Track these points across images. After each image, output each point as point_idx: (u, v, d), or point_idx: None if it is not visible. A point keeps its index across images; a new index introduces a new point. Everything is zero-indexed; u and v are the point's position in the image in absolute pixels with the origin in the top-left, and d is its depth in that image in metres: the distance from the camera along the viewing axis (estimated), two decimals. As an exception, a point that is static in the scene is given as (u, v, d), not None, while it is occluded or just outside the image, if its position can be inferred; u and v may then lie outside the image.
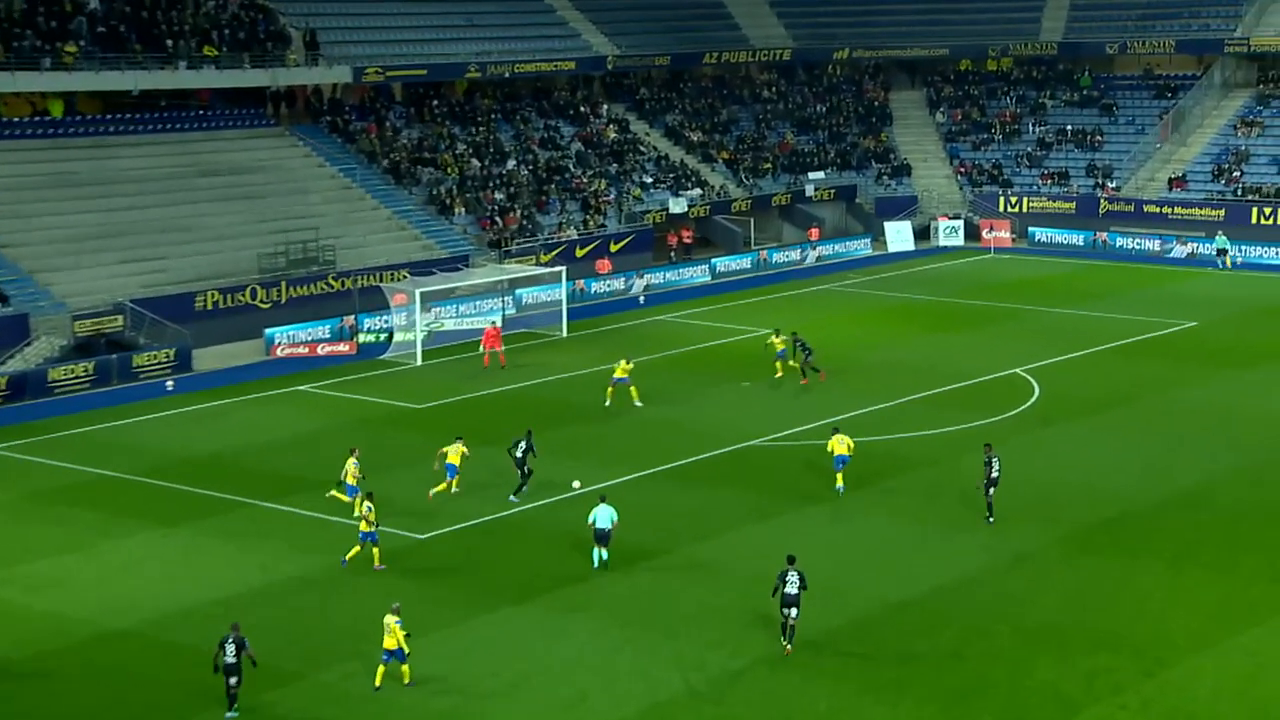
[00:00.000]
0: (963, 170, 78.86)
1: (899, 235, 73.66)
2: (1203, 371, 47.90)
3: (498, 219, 63.89)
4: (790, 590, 27.24)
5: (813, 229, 73.20)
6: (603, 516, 31.25)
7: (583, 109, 75.23)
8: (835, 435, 36.33)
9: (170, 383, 47.60)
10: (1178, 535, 33.26)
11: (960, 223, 74.46)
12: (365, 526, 31.25)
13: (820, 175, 76.92)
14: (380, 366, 50.20)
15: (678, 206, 69.76)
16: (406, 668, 26.05)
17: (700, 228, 71.56)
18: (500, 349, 48.81)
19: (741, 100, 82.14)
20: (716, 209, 71.84)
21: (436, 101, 70.94)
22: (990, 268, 68.73)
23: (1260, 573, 30.96)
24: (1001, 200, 75.65)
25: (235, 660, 25.11)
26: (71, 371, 46.96)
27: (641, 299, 61.14)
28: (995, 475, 33.64)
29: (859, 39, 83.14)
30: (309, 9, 68.22)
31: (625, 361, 43.61)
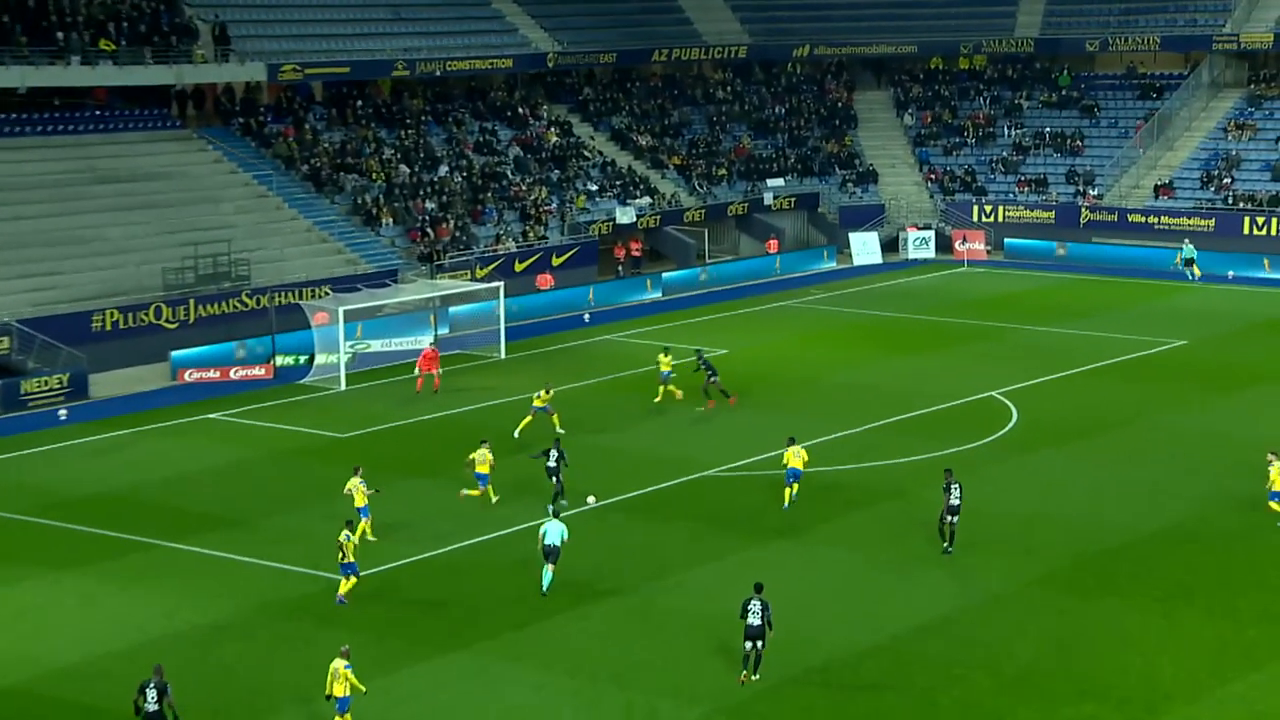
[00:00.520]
0: (933, 177, 79.38)
1: (865, 247, 73.97)
2: (1194, 394, 48.28)
3: (429, 230, 63.74)
4: (753, 621, 27.51)
5: (771, 240, 73.44)
6: (553, 532, 31.93)
7: (521, 110, 75.23)
8: (791, 446, 37.07)
9: (63, 412, 47.13)
10: (1168, 573, 33.40)
11: (931, 233, 74.86)
12: (347, 558, 31.24)
13: (779, 182, 77.18)
14: (300, 392, 49.90)
15: (625, 216, 69.82)
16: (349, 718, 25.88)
17: (650, 239, 71.63)
18: (437, 372, 48.70)
19: (694, 101, 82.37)
20: (667, 219, 71.95)
21: (360, 102, 70.76)
22: (963, 282, 69.11)
23: (1258, 614, 31.13)
24: (975, 209, 76.16)
25: (156, 708, 24.85)
26: (-46, 399, 46.50)
27: (586, 317, 61.15)
28: (955, 503, 33.90)
29: (820, 35, 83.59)
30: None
31: (545, 390, 43.66)
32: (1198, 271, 67.66)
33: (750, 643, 27.60)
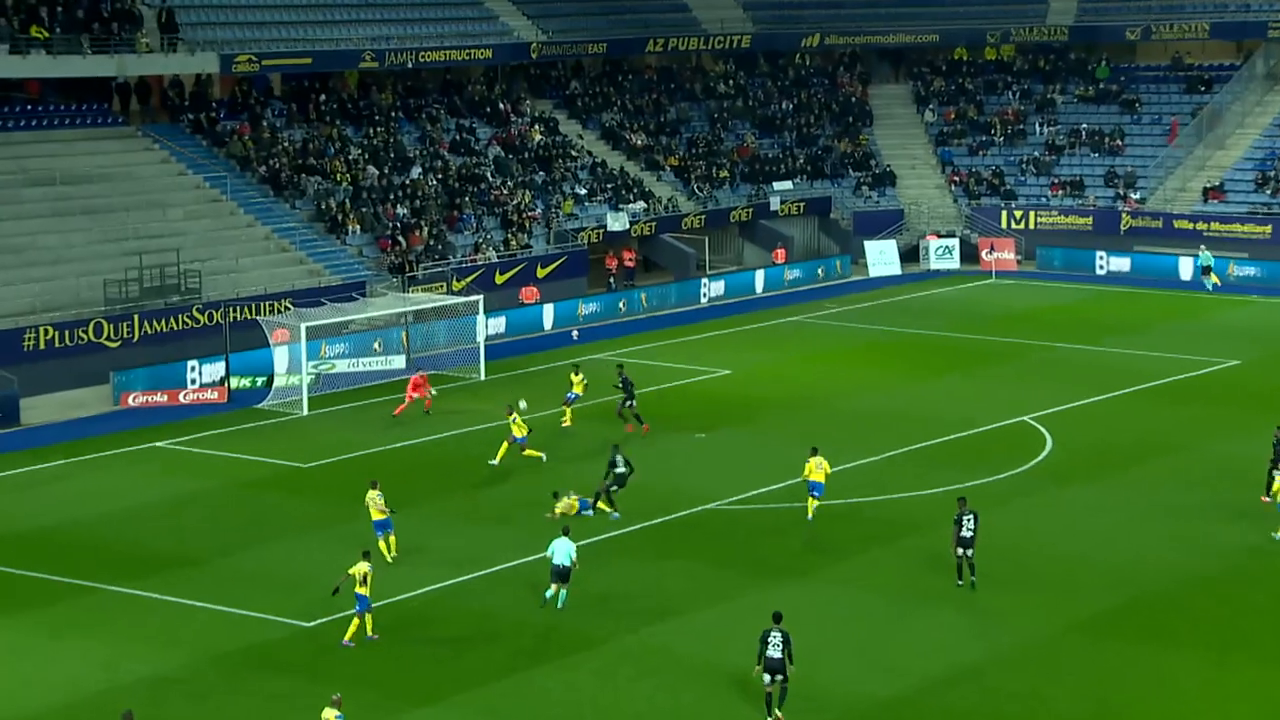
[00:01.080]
0: (957, 179, 79.54)
1: (882, 257, 74.09)
2: (1247, 419, 48.21)
3: (400, 239, 63.77)
4: (774, 654, 27.77)
5: (779, 249, 73.49)
6: (560, 552, 32.67)
7: (502, 106, 75.34)
8: (813, 458, 38.02)
9: (-6, 439, 47.15)
10: (1220, 618, 33.37)
11: (955, 242, 75.01)
12: (362, 589, 31.35)
13: (787, 186, 77.32)
14: (257, 417, 49.87)
15: (617, 223, 69.87)
16: None
17: (644, 248, 71.68)
18: (429, 393, 48.77)
19: (692, 96, 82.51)
20: (663, 226, 72.02)
21: (324, 96, 70.82)
22: (991, 295, 69.23)
23: (1319, 661, 31.17)
24: (1004, 215, 76.31)
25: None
26: (-127, 426, 46.46)
27: (574, 334, 61.16)
28: (966, 535, 34.18)
29: (832, 23, 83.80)
30: (167, -16, 68.12)
31: (509, 411, 43.72)
32: (1216, 280, 67.75)
33: (770, 676, 27.77)
